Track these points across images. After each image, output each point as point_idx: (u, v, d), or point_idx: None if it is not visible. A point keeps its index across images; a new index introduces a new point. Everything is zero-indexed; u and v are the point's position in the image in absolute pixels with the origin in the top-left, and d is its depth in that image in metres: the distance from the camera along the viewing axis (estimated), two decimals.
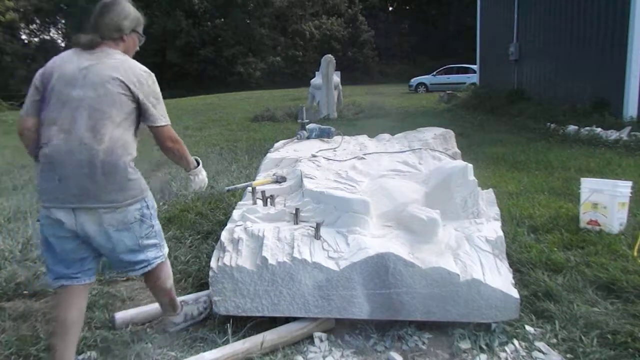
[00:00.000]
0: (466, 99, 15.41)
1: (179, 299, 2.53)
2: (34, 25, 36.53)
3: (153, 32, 34.17)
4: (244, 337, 2.21)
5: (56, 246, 2.03)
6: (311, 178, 3.12)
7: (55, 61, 2.05)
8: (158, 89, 2.08)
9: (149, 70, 2.07)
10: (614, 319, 2.28)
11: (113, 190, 1.95)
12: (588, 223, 3.46)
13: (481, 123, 10.51)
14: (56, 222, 1.97)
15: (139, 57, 2.25)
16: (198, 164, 2.35)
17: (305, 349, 2.19)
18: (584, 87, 9.68)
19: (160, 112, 2.05)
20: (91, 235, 1.99)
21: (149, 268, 2.14)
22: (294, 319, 2.30)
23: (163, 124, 2.06)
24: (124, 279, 3.11)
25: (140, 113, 2.03)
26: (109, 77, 1.95)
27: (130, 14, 2.11)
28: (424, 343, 2.23)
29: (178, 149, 2.15)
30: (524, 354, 2.11)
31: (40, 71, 2.06)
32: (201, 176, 2.38)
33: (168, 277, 2.28)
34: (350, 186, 3.07)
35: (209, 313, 2.51)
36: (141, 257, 2.10)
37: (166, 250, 2.23)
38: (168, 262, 2.29)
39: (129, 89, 1.97)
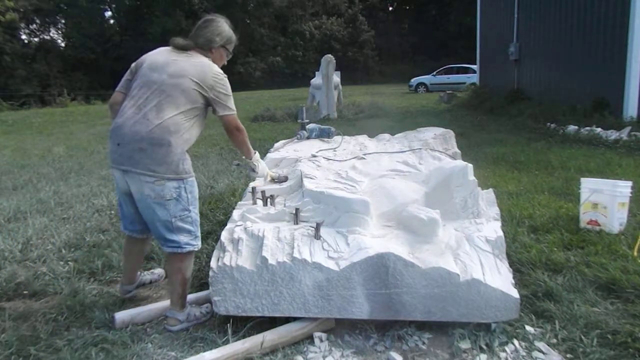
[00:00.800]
0: (466, 99, 15.43)
1: (192, 297, 2.64)
2: (34, 25, 36.51)
3: (153, 32, 34.24)
4: (244, 337, 2.21)
5: (122, 205, 2.53)
6: (311, 178, 3.12)
7: (150, 53, 2.49)
8: (227, 87, 2.42)
9: (222, 73, 2.41)
10: (614, 319, 2.28)
11: (155, 161, 2.23)
12: (588, 223, 3.46)
13: (481, 123, 10.51)
14: (116, 181, 2.40)
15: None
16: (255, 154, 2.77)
17: (305, 349, 2.19)
18: (584, 87, 9.68)
19: (227, 104, 2.41)
20: (135, 199, 2.33)
21: (179, 251, 2.36)
22: (294, 319, 2.30)
23: (228, 113, 2.42)
24: None
25: (210, 106, 2.41)
26: (187, 73, 2.32)
27: (222, 32, 2.51)
28: (424, 343, 2.23)
29: (241, 136, 2.55)
30: (524, 354, 2.10)
31: (138, 60, 2.51)
32: (263, 164, 2.79)
33: (189, 268, 2.46)
34: (350, 186, 3.06)
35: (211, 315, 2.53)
36: (174, 237, 2.34)
37: (199, 244, 2.45)
38: (193, 258, 2.50)
39: (202, 87, 2.33)
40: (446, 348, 2.19)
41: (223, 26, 2.53)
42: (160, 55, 2.44)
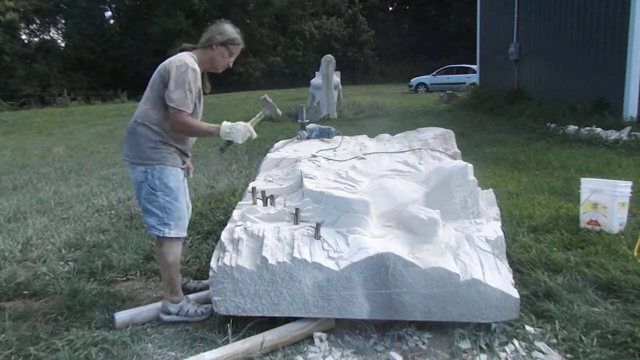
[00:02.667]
0: (466, 99, 15.43)
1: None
2: (34, 25, 36.49)
3: (153, 32, 34.18)
4: (244, 337, 2.21)
5: None
6: (311, 178, 3.12)
7: None
8: (184, 78, 2.37)
9: (183, 62, 2.41)
10: (614, 319, 2.28)
11: (129, 148, 2.49)
12: (588, 223, 3.46)
13: (481, 123, 10.51)
14: None
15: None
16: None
17: (305, 349, 2.19)
18: (584, 87, 9.68)
19: (174, 96, 2.36)
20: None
21: (150, 232, 2.53)
22: (294, 319, 2.30)
23: (172, 105, 2.36)
24: (124, 279, 3.12)
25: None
26: (160, 66, 2.47)
27: (224, 32, 2.56)
28: (424, 343, 2.23)
29: (182, 128, 2.42)
30: (524, 354, 2.10)
31: None
32: (237, 129, 2.52)
33: (170, 254, 2.52)
34: (350, 186, 3.06)
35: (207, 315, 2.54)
36: (146, 218, 2.52)
37: (173, 231, 2.49)
38: (177, 245, 2.56)
39: (163, 75, 2.43)
40: (446, 348, 2.19)
41: (226, 26, 2.59)
42: None
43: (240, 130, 2.52)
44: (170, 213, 2.47)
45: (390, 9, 47.48)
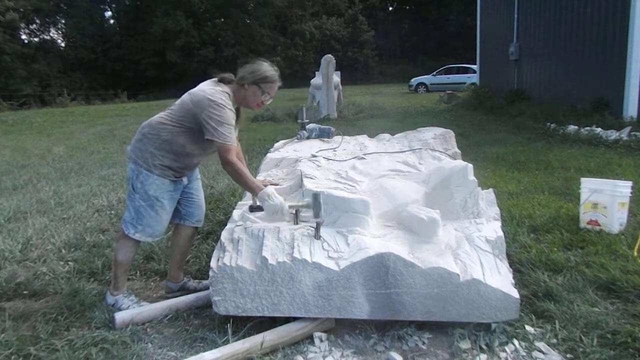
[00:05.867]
0: (466, 99, 15.43)
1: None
2: (34, 25, 36.52)
3: (153, 32, 34.19)
4: (244, 337, 2.21)
5: None
6: (311, 178, 3.11)
7: None
8: (216, 112, 2.43)
9: (213, 98, 2.45)
10: (614, 319, 2.28)
11: (133, 143, 2.61)
12: (588, 223, 3.46)
13: (481, 123, 10.51)
14: None
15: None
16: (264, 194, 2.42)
17: (305, 349, 2.19)
18: (584, 87, 9.68)
19: (213, 130, 2.42)
20: None
21: (122, 227, 2.63)
22: (294, 319, 2.30)
23: (216, 139, 2.42)
24: None
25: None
26: (193, 91, 2.56)
27: (257, 71, 2.57)
28: (424, 343, 2.22)
29: (230, 170, 2.45)
30: (524, 354, 2.10)
31: None
32: (273, 204, 2.39)
33: (121, 252, 2.63)
34: (350, 186, 3.06)
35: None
36: (125, 212, 2.64)
37: (137, 235, 2.59)
38: (132, 246, 2.65)
39: (195, 105, 2.48)
40: (446, 348, 2.18)
41: (260, 65, 2.59)
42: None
43: (275, 205, 2.39)
44: (140, 218, 2.58)
45: (390, 9, 47.48)
